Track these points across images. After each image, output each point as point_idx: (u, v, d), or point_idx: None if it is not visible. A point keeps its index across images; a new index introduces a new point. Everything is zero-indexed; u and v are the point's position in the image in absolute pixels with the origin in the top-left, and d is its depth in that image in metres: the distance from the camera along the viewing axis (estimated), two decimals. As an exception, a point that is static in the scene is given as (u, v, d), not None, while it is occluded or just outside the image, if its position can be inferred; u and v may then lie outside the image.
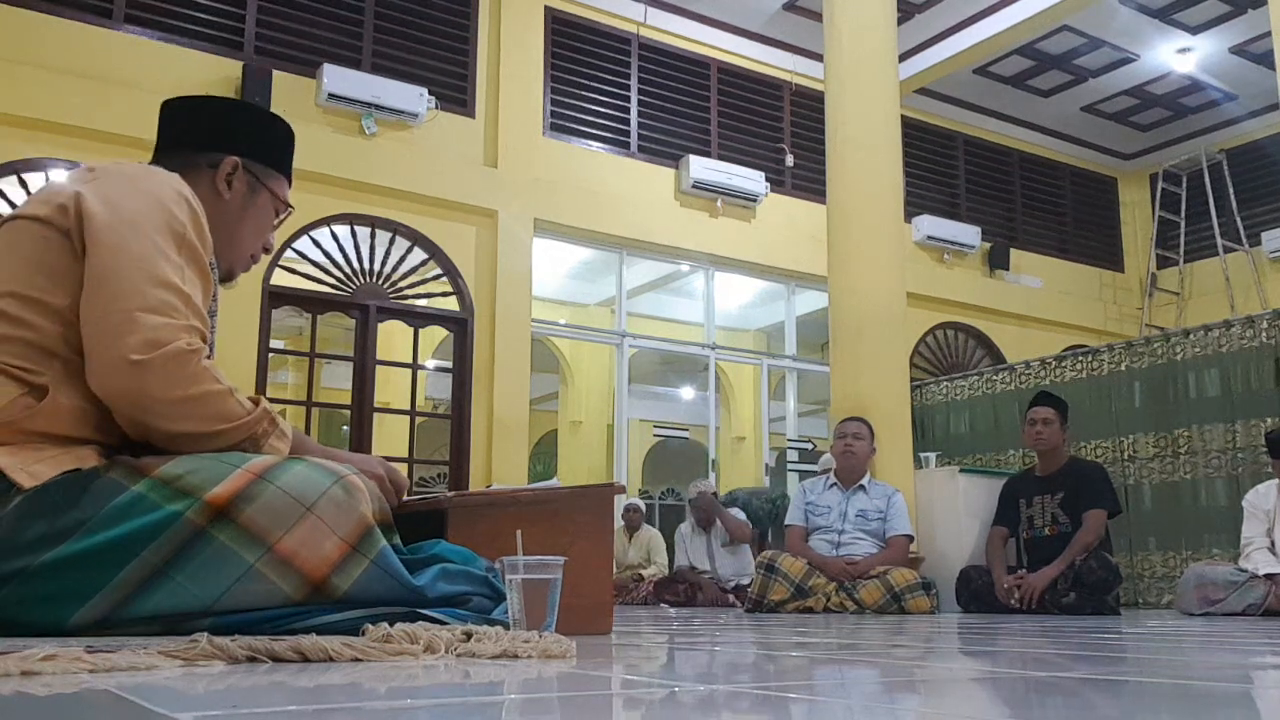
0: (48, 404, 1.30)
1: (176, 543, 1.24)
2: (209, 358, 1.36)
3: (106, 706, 0.72)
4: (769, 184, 8.33)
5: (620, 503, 7.10)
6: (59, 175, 5.60)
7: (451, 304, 7.06)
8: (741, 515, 6.56)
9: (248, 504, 1.25)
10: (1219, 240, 9.54)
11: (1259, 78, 8.58)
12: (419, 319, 7.04)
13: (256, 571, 1.24)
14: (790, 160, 8.62)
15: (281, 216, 1.67)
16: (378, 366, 6.89)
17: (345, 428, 7.61)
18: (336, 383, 9.02)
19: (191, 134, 1.59)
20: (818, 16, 6.76)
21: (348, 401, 6.87)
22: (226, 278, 1.62)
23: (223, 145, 1.58)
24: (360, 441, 6.66)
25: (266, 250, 1.69)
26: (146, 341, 1.29)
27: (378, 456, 1.62)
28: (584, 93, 7.85)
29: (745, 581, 5.63)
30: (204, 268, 1.41)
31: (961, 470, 5.28)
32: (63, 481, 1.28)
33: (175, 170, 1.51)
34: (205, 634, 1.05)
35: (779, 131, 8.71)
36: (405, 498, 1.57)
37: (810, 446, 8.86)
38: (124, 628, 1.23)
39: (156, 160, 1.56)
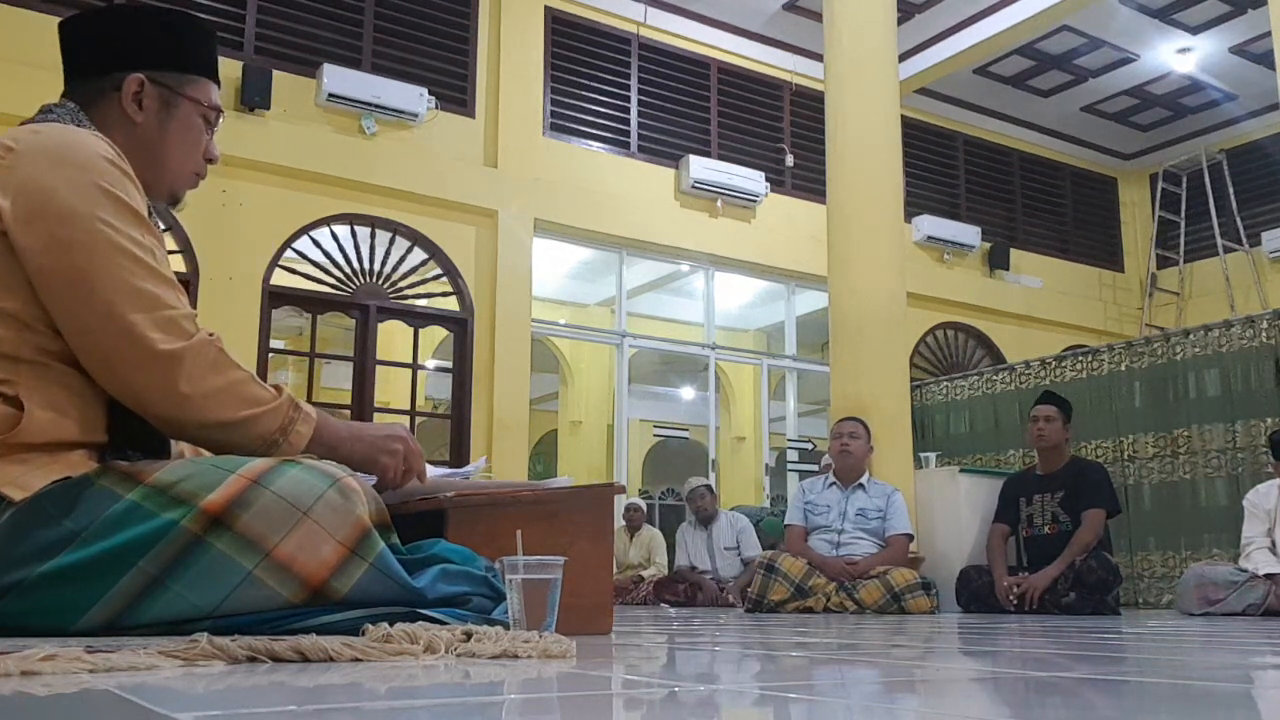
0: (27, 418, 1.26)
1: (173, 552, 1.22)
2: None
3: (106, 706, 0.72)
4: (769, 184, 8.33)
5: (621, 503, 7.10)
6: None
7: (451, 304, 7.07)
8: (754, 539, 6.49)
9: (244, 510, 1.23)
10: (1219, 240, 9.54)
11: (1259, 78, 8.58)
12: (419, 319, 7.04)
13: (255, 578, 1.22)
14: (790, 160, 8.62)
15: (214, 123, 1.52)
16: (378, 366, 6.89)
17: (345, 428, 7.60)
18: (336, 383, 9.02)
19: (89, 57, 1.45)
20: (818, 16, 6.77)
21: (348, 401, 6.87)
22: (171, 202, 1.51)
23: (123, 63, 1.44)
24: (360, 441, 6.65)
25: (211, 161, 1.54)
26: (165, 335, 1.28)
27: (399, 424, 1.55)
28: (584, 93, 7.85)
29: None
30: (154, 229, 1.37)
31: (961, 470, 5.28)
32: (53, 491, 1.25)
33: (81, 101, 1.43)
34: (205, 634, 1.04)
35: (779, 131, 8.71)
36: (418, 476, 1.53)
37: (810, 446, 8.86)
38: (124, 636, 1.23)
39: (65, 91, 1.46)
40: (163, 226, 1.48)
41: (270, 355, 6.60)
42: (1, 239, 1.28)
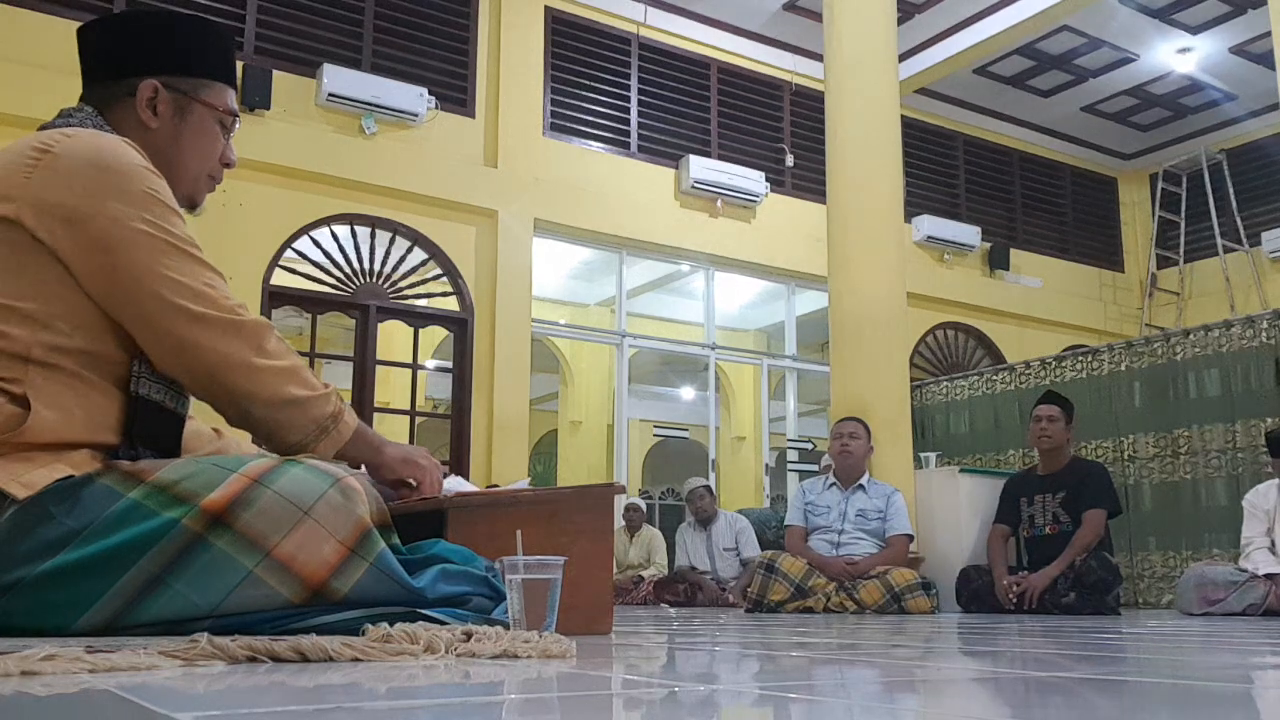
0: (33, 418, 1.27)
1: (174, 550, 1.22)
2: None
3: (107, 706, 0.72)
4: (769, 184, 8.33)
5: (621, 503, 7.10)
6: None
7: (451, 304, 7.07)
8: (754, 539, 6.49)
9: (244, 509, 1.24)
10: (1219, 240, 9.54)
11: (1259, 78, 8.58)
12: (419, 319, 7.04)
13: (255, 577, 1.23)
14: (790, 160, 8.62)
15: (230, 127, 1.54)
16: (378, 366, 6.89)
17: (345, 428, 7.60)
18: (336, 382, 8.92)
19: (105, 61, 1.47)
20: (818, 16, 6.76)
21: (348, 401, 6.86)
22: (189, 207, 1.52)
23: (137, 68, 1.45)
24: (360, 441, 6.64)
25: (228, 165, 1.56)
26: (236, 314, 1.35)
27: (423, 448, 1.61)
28: (584, 93, 7.85)
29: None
30: (186, 224, 1.41)
31: (961, 470, 5.28)
32: (56, 490, 1.25)
33: (98, 105, 1.45)
34: (205, 634, 1.04)
35: (779, 131, 8.71)
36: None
37: (810, 446, 8.86)
38: (124, 635, 1.23)
39: (83, 95, 1.47)
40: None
41: (270, 355, 6.59)
42: (30, 241, 1.29)
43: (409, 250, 6.96)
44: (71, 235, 1.30)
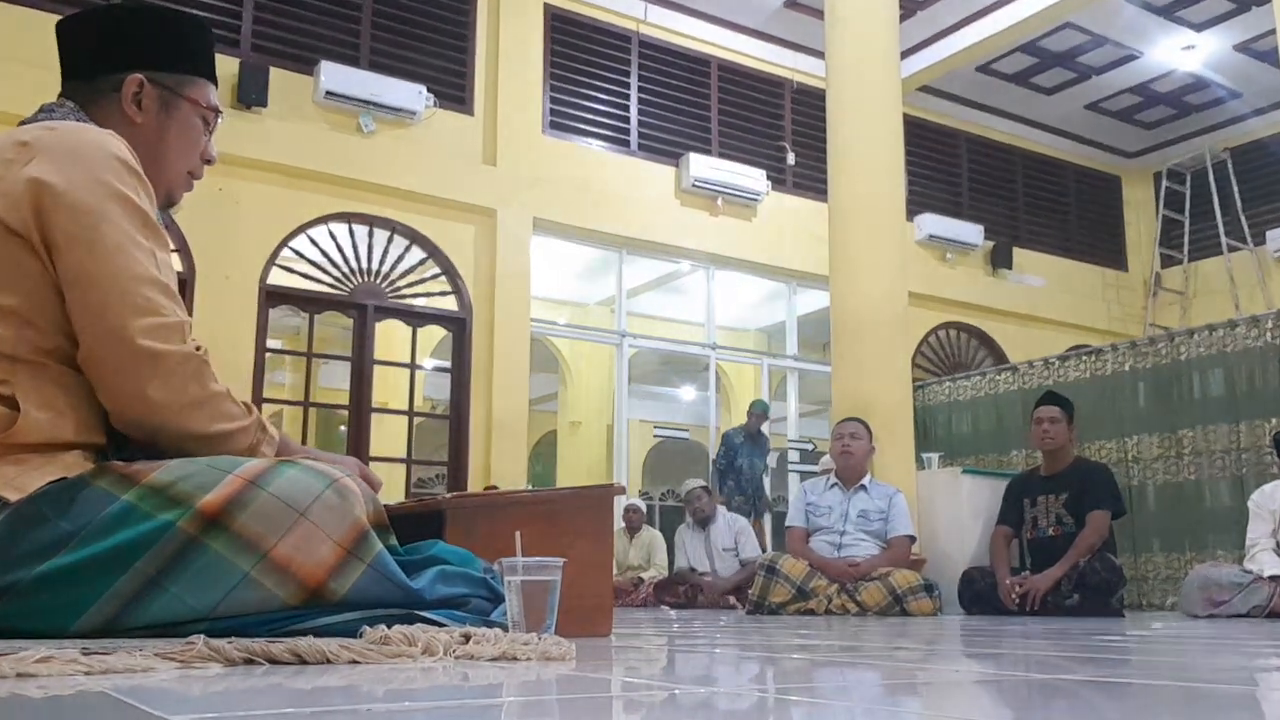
0: (23, 419, 1.26)
1: (170, 553, 1.21)
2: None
3: (102, 709, 0.72)
4: (770, 182, 8.32)
5: (620, 504, 7.09)
6: None
7: (450, 303, 7.06)
8: (753, 540, 6.50)
9: (240, 511, 1.23)
10: (1223, 239, 9.53)
11: (1263, 75, 8.58)
12: (417, 318, 7.04)
13: (252, 579, 1.22)
14: (791, 158, 8.62)
15: (212, 124, 1.52)
16: (375, 366, 6.89)
17: (343, 428, 7.61)
18: (334, 383, 9.01)
19: (88, 57, 1.45)
20: (819, 14, 6.75)
21: (345, 401, 6.87)
22: (167, 204, 1.50)
23: (122, 63, 1.44)
24: (358, 442, 6.66)
25: (208, 162, 1.54)
26: (150, 339, 1.28)
27: (353, 458, 1.55)
28: (584, 90, 7.85)
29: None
30: (159, 232, 1.37)
31: (964, 471, 5.27)
32: (50, 492, 1.24)
33: (80, 101, 1.43)
34: (202, 636, 1.04)
35: (780, 129, 8.70)
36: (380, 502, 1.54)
37: (811, 447, 8.85)
38: (120, 638, 1.22)
39: (63, 90, 1.45)
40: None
41: (267, 355, 6.59)
42: (8, 233, 1.28)
43: (407, 249, 6.95)
44: (41, 226, 1.28)
